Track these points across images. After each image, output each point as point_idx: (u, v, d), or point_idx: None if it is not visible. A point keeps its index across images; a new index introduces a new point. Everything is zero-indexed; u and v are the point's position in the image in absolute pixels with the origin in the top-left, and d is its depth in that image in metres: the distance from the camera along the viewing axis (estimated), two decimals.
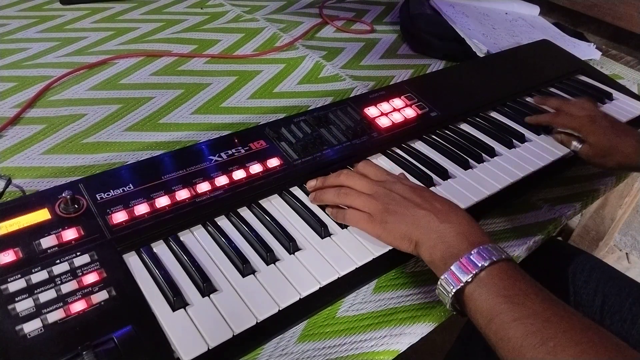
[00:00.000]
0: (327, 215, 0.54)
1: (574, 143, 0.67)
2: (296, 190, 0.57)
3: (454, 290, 0.43)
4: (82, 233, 0.47)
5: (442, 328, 0.51)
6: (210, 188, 0.53)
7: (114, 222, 0.48)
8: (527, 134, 0.70)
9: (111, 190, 0.51)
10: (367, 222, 0.51)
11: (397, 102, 0.70)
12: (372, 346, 0.46)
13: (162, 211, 0.50)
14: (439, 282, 0.45)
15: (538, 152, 0.67)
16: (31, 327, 0.39)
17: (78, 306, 0.41)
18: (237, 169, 0.56)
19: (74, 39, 0.91)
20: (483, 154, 0.65)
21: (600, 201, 1.29)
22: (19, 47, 0.87)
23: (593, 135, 0.65)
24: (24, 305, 0.40)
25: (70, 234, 0.46)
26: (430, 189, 0.57)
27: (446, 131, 0.69)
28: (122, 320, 0.41)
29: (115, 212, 0.49)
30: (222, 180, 0.54)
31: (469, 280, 0.42)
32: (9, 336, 0.39)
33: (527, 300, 0.41)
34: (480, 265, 0.42)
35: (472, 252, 0.43)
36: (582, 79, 0.87)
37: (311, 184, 0.57)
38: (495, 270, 0.43)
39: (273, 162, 0.57)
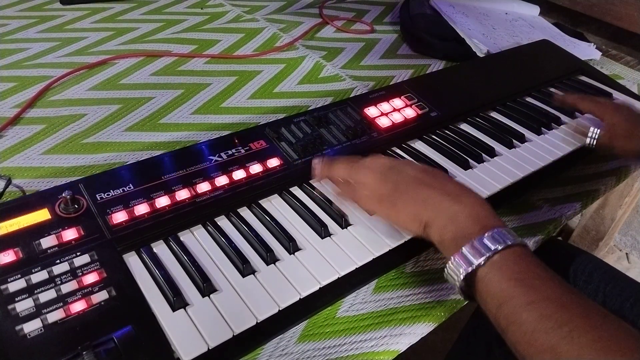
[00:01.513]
0: (328, 215, 0.54)
1: (591, 130, 0.66)
2: (296, 190, 0.57)
3: (464, 273, 0.42)
4: (82, 233, 0.47)
5: (442, 328, 0.51)
6: (210, 188, 0.53)
7: (114, 222, 0.48)
8: (527, 134, 0.70)
9: (111, 190, 0.51)
10: (376, 202, 0.50)
11: (397, 102, 0.70)
12: (372, 346, 0.46)
13: (162, 211, 0.50)
14: (448, 264, 0.43)
15: (538, 152, 0.67)
16: (31, 327, 0.39)
17: (78, 306, 0.41)
18: (237, 169, 0.55)
19: (74, 39, 0.91)
20: (483, 154, 0.65)
21: (600, 201, 1.29)
22: (19, 47, 0.87)
23: (615, 119, 0.65)
24: (24, 305, 0.40)
25: (70, 234, 0.46)
26: None
27: (446, 131, 0.69)
28: (122, 320, 0.41)
29: (115, 212, 0.49)
30: (222, 180, 0.54)
31: (482, 263, 0.41)
32: (9, 336, 0.39)
33: (543, 285, 0.39)
34: (494, 248, 0.41)
35: (486, 235, 0.42)
36: (582, 79, 0.87)
37: (316, 160, 0.56)
38: (510, 254, 0.41)
39: (273, 162, 0.57)
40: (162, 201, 0.51)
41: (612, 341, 0.35)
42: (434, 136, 0.68)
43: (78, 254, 0.45)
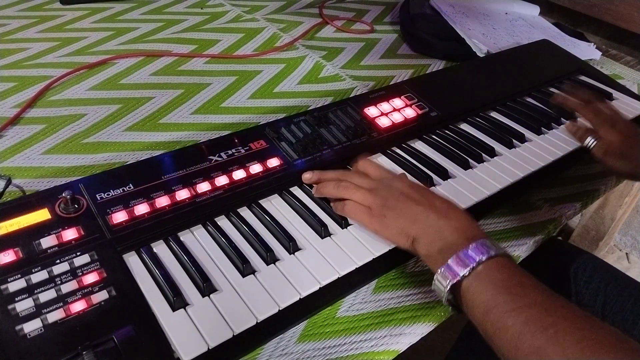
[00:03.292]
0: (328, 215, 0.54)
1: (588, 139, 0.66)
2: (296, 190, 0.57)
3: (450, 284, 0.43)
4: (82, 233, 0.47)
5: (442, 328, 0.51)
6: (210, 188, 0.53)
7: (114, 222, 0.48)
8: (527, 134, 0.70)
9: (111, 190, 0.51)
10: (365, 215, 0.51)
11: (397, 102, 0.70)
12: (372, 346, 0.46)
13: (162, 211, 0.50)
14: (435, 276, 0.45)
15: (538, 152, 0.67)
16: (31, 327, 0.39)
17: (78, 306, 0.41)
18: (237, 169, 0.55)
19: (74, 39, 0.91)
20: (483, 154, 0.65)
21: (600, 201, 1.29)
22: (19, 47, 0.87)
23: (611, 136, 0.65)
24: (24, 305, 0.40)
25: (70, 234, 0.46)
26: (431, 189, 0.57)
27: (446, 131, 0.69)
28: (122, 320, 0.41)
29: (115, 212, 0.49)
30: (222, 180, 0.54)
31: (466, 274, 0.42)
32: (9, 336, 0.39)
33: (526, 292, 0.40)
34: (477, 259, 0.42)
35: (470, 247, 0.43)
36: (582, 79, 0.87)
37: (306, 176, 0.57)
38: (493, 264, 0.42)
39: (273, 162, 0.57)
40: (162, 201, 0.51)
41: (596, 341, 0.36)
42: (434, 136, 0.68)
43: (78, 253, 0.45)
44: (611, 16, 1.10)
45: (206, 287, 0.45)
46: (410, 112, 0.69)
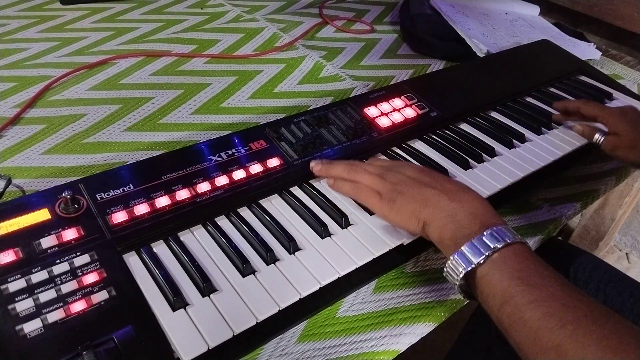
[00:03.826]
0: (328, 215, 0.54)
1: (596, 135, 0.65)
2: (296, 190, 0.57)
3: (464, 272, 0.42)
4: (82, 233, 0.47)
5: (442, 328, 0.51)
6: (210, 188, 0.53)
7: (114, 222, 0.48)
8: (527, 134, 0.70)
9: (111, 190, 0.51)
10: (376, 199, 0.50)
11: (397, 102, 0.70)
12: (372, 346, 0.46)
13: (162, 211, 0.50)
14: (447, 262, 0.43)
15: (538, 152, 0.67)
16: (31, 327, 0.39)
17: (78, 306, 0.41)
18: (237, 169, 0.55)
19: (74, 39, 0.91)
20: (483, 154, 0.65)
21: (600, 201, 1.29)
22: (19, 47, 0.87)
23: (621, 126, 0.63)
24: (24, 305, 0.40)
25: (70, 234, 0.46)
26: None
27: (446, 131, 0.69)
28: (122, 320, 0.41)
29: (115, 212, 0.49)
30: (222, 180, 0.54)
31: (481, 261, 0.41)
32: (9, 336, 0.39)
33: (544, 283, 0.39)
34: (493, 246, 0.41)
35: (485, 233, 0.42)
36: (582, 79, 0.87)
37: (315, 166, 0.56)
38: (510, 253, 0.41)
39: (273, 162, 0.57)
40: (162, 201, 0.51)
41: (617, 339, 0.35)
42: (434, 136, 0.68)
43: (78, 253, 0.45)
44: (611, 16, 1.10)
45: (206, 287, 0.45)
46: (410, 112, 0.69)
